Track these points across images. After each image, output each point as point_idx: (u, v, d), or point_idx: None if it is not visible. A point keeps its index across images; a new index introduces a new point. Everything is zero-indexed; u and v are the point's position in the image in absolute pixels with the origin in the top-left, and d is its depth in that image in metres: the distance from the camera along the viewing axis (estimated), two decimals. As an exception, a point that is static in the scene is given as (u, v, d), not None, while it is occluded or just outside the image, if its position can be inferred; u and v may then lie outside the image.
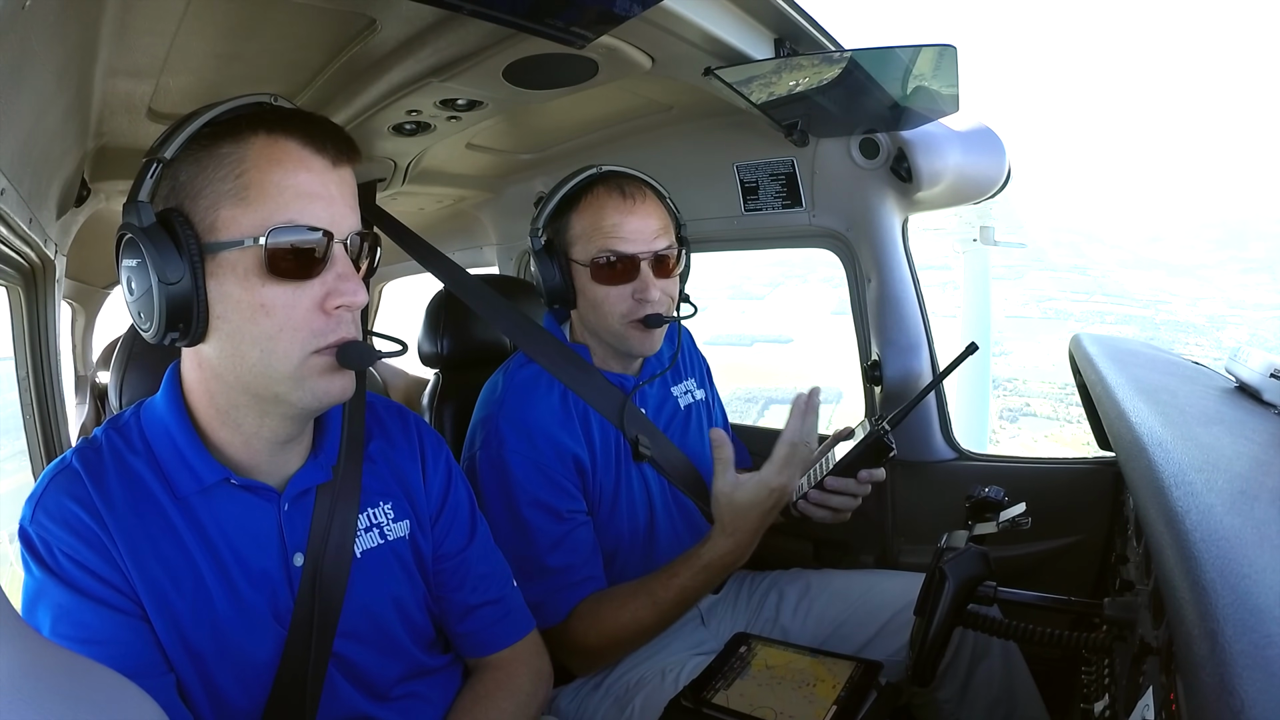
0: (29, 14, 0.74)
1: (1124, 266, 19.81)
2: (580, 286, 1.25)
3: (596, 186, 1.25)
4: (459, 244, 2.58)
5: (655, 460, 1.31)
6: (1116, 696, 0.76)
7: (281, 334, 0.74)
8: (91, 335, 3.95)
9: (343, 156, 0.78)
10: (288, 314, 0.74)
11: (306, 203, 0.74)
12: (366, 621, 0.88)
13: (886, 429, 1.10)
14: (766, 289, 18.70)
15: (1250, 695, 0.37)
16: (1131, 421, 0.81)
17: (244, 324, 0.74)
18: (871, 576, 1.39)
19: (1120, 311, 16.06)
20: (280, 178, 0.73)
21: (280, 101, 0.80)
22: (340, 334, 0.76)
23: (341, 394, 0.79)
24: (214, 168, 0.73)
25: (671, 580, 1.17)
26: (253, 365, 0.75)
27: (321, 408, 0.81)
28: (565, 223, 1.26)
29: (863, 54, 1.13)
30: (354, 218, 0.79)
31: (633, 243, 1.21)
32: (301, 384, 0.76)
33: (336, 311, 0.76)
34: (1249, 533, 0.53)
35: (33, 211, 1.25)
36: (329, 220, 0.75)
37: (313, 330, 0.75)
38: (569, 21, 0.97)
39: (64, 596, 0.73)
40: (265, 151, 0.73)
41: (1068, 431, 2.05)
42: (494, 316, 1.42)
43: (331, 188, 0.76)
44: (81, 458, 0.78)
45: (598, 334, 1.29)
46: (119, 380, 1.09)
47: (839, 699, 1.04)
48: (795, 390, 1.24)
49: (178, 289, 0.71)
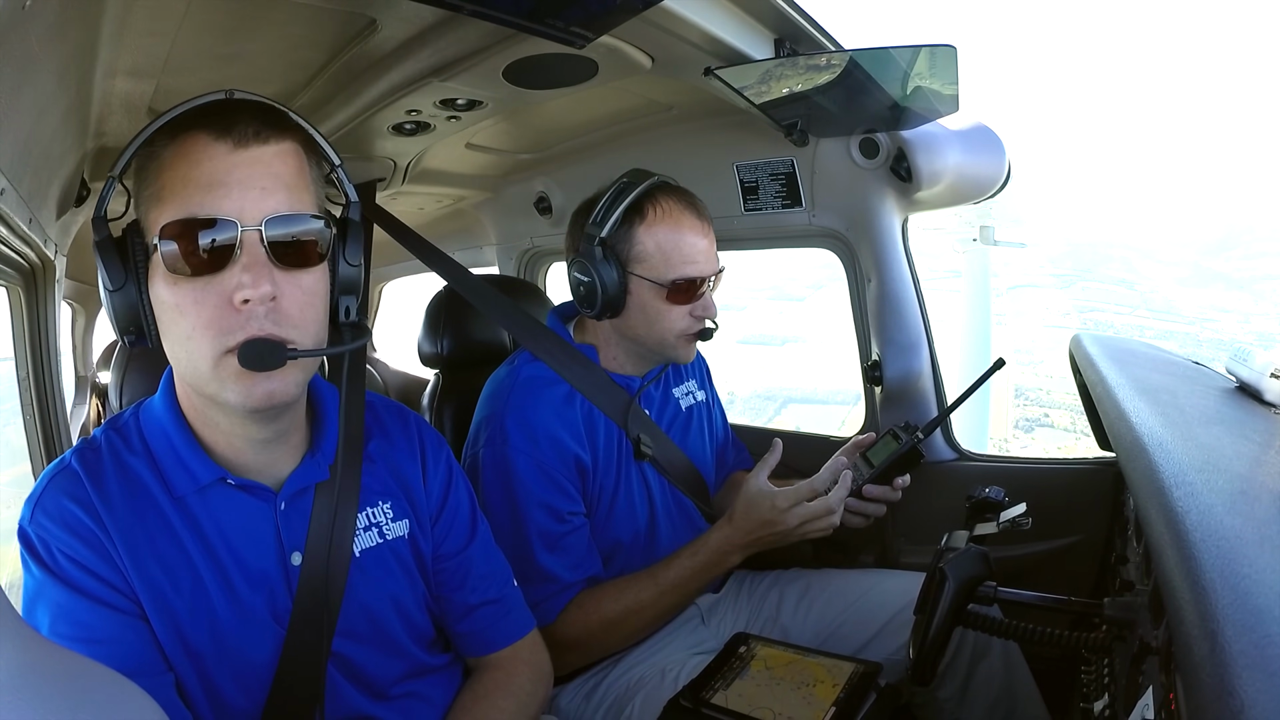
0: (29, 14, 0.74)
1: (1178, 283, 19.72)
2: (640, 301, 1.23)
3: (662, 200, 1.23)
4: (459, 244, 2.58)
5: (656, 460, 1.31)
6: (1116, 696, 0.76)
7: (195, 333, 0.72)
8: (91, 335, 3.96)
9: (252, 137, 0.72)
10: (198, 312, 0.71)
11: (205, 194, 0.70)
12: (365, 621, 0.88)
13: (921, 438, 1.19)
14: (809, 290, 18.70)
15: (1250, 695, 0.37)
16: (1131, 421, 0.81)
17: (170, 325, 0.74)
18: (871, 576, 1.39)
19: (1162, 327, 16.05)
20: (186, 171, 0.71)
21: (239, 95, 0.75)
22: (248, 331, 0.70)
23: (267, 398, 0.73)
24: (146, 175, 0.74)
25: (671, 562, 1.22)
26: (184, 366, 0.75)
27: (255, 409, 0.74)
28: (631, 235, 1.22)
29: (863, 54, 1.13)
30: (271, 201, 0.72)
31: (704, 265, 1.23)
32: (224, 386, 0.72)
33: (244, 307, 0.71)
34: (1249, 533, 0.53)
35: (33, 212, 1.25)
36: (234, 209, 0.70)
37: (221, 328, 0.71)
38: (569, 21, 0.97)
39: (63, 596, 0.74)
40: (177, 149, 0.72)
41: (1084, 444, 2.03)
42: (499, 316, 1.42)
43: (236, 172, 0.71)
44: (81, 458, 0.78)
45: (640, 342, 1.28)
46: (119, 380, 1.09)
47: (838, 700, 1.04)
48: (813, 389, 1.27)
49: (119, 296, 0.74)
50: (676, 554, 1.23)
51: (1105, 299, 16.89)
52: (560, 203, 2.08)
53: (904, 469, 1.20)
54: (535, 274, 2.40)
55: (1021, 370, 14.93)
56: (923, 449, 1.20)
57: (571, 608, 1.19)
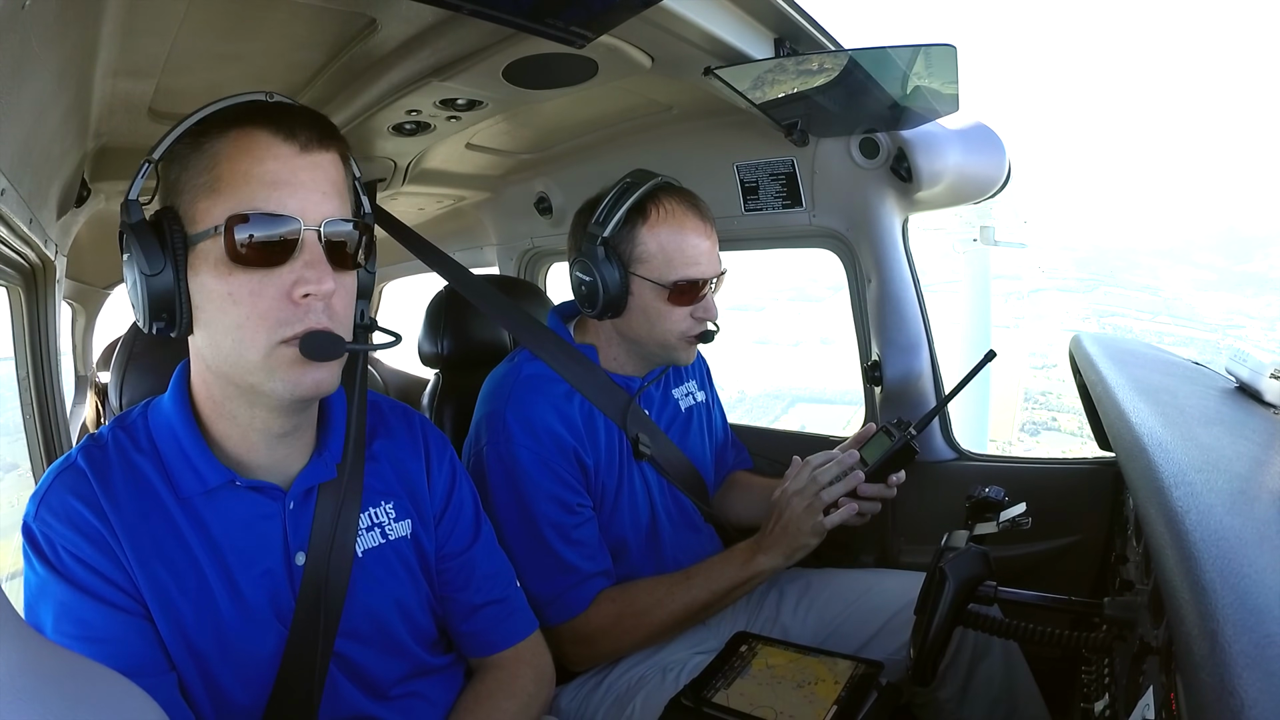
0: (29, 14, 0.74)
1: (1203, 287, 19.58)
2: (642, 302, 1.23)
3: (665, 201, 1.23)
4: (459, 244, 2.58)
5: (655, 460, 1.31)
6: (1117, 696, 0.76)
7: (248, 323, 0.73)
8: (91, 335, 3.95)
9: (314, 143, 0.76)
10: (254, 302, 0.73)
11: (271, 190, 0.73)
12: (368, 621, 0.88)
13: (914, 434, 1.18)
14: (828, 292, 18.69)
15: (1250, 695, 0.37)
16: (1131, 421, 0.81)
17: (217, 313, 0.74)
18: (872, 576, 1.39)
19: (1183, 334, 15.93)
20: (248, 166, 0.73)
21: (278, 98, 0.79)
22: (307, 324, 0.74)
23: (316, 387, 0.76)
24: (194, 163, 0.74)
25: (699, 564, 1.25)
26: (227, 355, 0.75)
27: (298, 400, 0.78)
28: (632, 235, 1.22)
29: (863, 54, 1.13)
30: (329, 205, 0.76)
31: (707, 267, 1.23)
32: (272, 375, 0.75)
33: (304, 301, 0.74)
34: (1249, 533, 0.53)
35: (33, 212, 1.25)
36: (296, 208, 0.73)
37: (278, 319, 0.73)
38: (569, 21, 0.97)
39: (67, 594, 0.74)
40: (237, 143, 0.74)
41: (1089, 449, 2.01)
42: (499, 316, 1.42)
43: (301, 174, 0.74)
44: (87, 456, 0.78)
45: (640, 343, 1.29)
46: (119, 380, 1.09)
47: (839, 698, 1.04)
48: (822, 389, 1.28)
49: (158, 280, 0.73)
50: (708, 559, 1.26)
51: (1127, 304, 16.83)
52: (560, 203, 2.08)
53: (898, 465, 1.19)
54: (535, 274, 2.40)
55: (1034, 374, 14.87)
56: (918, 446, 1.19)
57: (602, 600, 1.20)
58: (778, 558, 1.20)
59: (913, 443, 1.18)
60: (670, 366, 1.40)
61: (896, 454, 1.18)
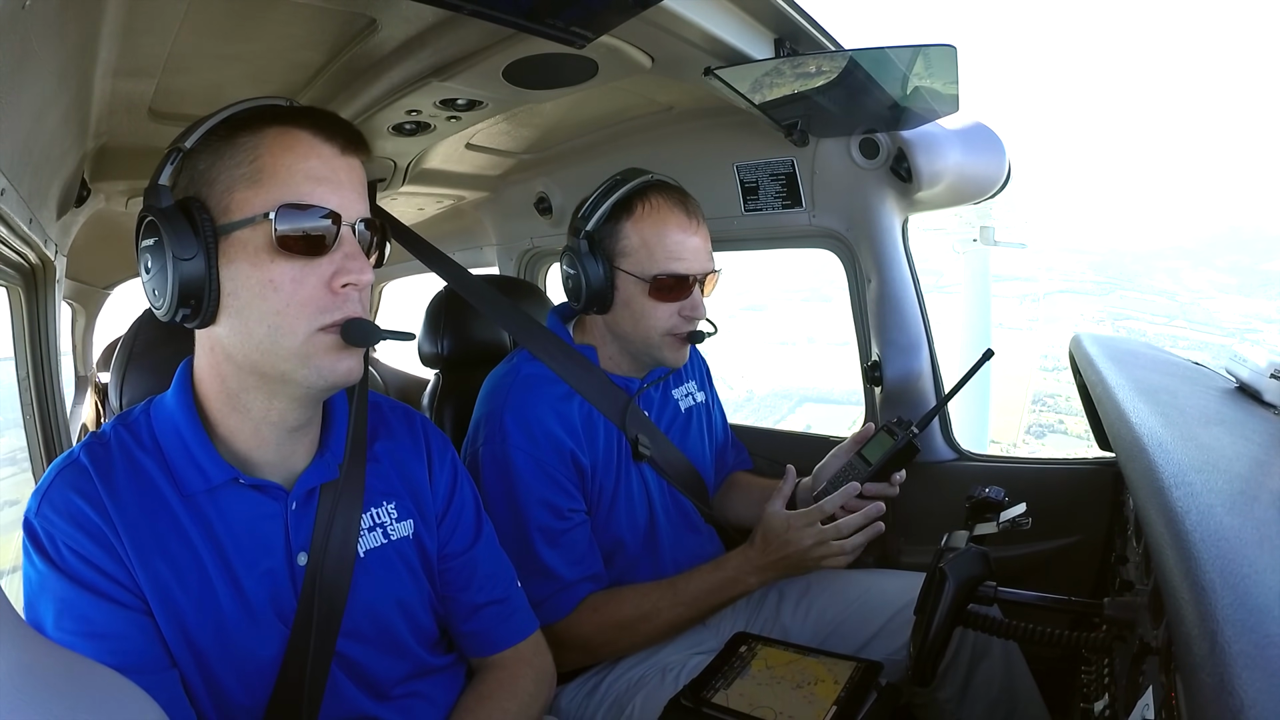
0: (29, 14, 0.74)
1: (1222, 290, 19.46)
2: (625, 296, 1.24)
3: (653, 197, 1.23)
4: (459, 244, 2.58)
5: (655, 460, 1.31)
6: (1116, 696, 0.76)
7: (288, 309, 0.75)
8: (91, 335, 3.96)
9: (351, 146, 0.80)
10: (295, 290, 0.75)
11: (315, 185, 0.76)
12: (369, 621, 0.88)
13: (915, 432, 1.20)
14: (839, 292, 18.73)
15: (1250, 695, 0.37)
16: (1131, 422, 0.81)
17: (253, 300, 0.75)
18: (871, 576, 1.39)
19: (1198, 338, 15.84)
20: (292, 161, 0.75)
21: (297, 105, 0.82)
22: (346, 312, 0.77)
23: (348, 374, 0.79)
24: (230, 155, 0.76)
25: (691, 575, 1.24)
26: (260, 342, 0.76)
27: (328, 388, 0.80)
28: (617, 230, 1.23)
29: (863, 54, 1.13)
30: (362, 205, 0.80)
31: (692, 263, 1.23)
32: (307, 361, 0.77)
33: (344, 290, 0.77)
34: (1249, 533, 0.53)
35: (33, 211, 1.25)
36: (338, 203, 0.77)
37: (319, 307, 0.76)
38: (569, 21, 0.97)
39: (67, 590, 0.73)
40: (278, 139, 0.76)
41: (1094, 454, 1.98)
42: (499, 316, 1.42)
43: (340, 174, 0.78)
44: (89, 453, 0.78)
45: (628, 341, 1.29)
46: (119, 380, 1.09)
47: (839, 699, 1.04)
48: (830, 388, 1.28)
49: (190, 266, 0.74)
50: (697, 569, 1.25)
51: (1143, 308, 16.77)
52: (560, 203, 2.08)
53: (900, 464, 1.21)
54: (535, 274, 2.40)
55: (1044, 377, 14.80)
56: (918, 444, 1.21)
57: (584, 608, 1.19)
58: (769, 577, 1.22)
59: (915, 440, 1.20)
60: (670, 371, 1.40)
61: (899, 452, 1.20)
